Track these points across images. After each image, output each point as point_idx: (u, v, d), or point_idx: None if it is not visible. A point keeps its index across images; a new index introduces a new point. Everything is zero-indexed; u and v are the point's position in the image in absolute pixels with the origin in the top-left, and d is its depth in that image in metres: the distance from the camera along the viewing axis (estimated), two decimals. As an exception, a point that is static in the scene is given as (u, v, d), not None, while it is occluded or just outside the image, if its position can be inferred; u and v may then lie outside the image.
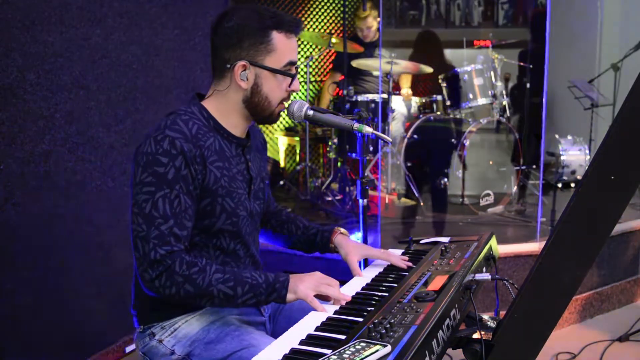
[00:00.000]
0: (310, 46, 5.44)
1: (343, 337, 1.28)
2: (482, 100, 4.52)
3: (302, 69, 5.34)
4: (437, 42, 5.14)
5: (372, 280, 1.72)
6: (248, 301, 1.53)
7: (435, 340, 1.24)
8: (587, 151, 5.05)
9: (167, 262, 1.49)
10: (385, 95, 4.35)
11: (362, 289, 1.63)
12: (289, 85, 1.67)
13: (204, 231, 1.62)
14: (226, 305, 1.56)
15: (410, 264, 1.79)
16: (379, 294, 1.57)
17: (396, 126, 4.52)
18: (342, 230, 1.91)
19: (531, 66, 4.52)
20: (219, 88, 1.67)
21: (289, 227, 1.96)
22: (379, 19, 4.71)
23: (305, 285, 1.54)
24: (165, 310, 1.66)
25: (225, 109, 1.67)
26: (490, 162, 4.68)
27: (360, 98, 4.41)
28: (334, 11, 5.58)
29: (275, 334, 1.78)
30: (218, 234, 1.65)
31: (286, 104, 1.74)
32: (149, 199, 1.51)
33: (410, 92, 4.79)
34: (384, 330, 1.24)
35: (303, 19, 5.45)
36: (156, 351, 1.66)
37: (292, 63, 1.65)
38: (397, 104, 4.58)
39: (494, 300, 3.16)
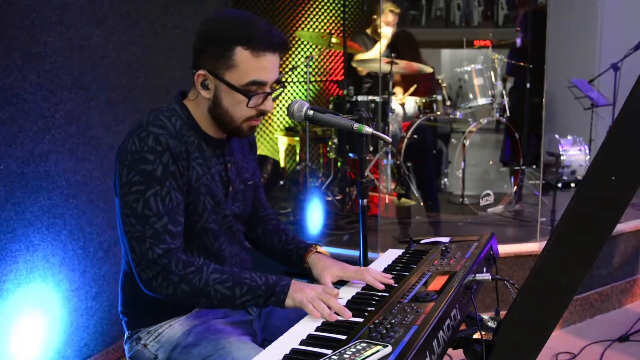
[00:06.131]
0: (310, 46, 5.44)
1: (344, 337, 1.28)
2: (482, 100, 4.53)
3: (302, 69, 5.34)
4: (414, 42, 5.13)
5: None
6: (247, 303, 1.51)
7: (435, 340, 1.24)
8: (587, 151, 5.05)
9: (163, 261, 1.48)
10: (385, 96, 4.35)
11: (362, 289, 1.63)
12: (248, 105, 1.55)
13: (187, 230, 1.59)
14: (225, 306, 1.53)
15: (391, 281, 1.61)
16: (379, 294, 1.57)
17: (393, 126, 4.53)
18: (320, 248, 1.81)
19: (531, 66, 4.53)
20: (193, 93, 1.64)
21: (272, 238, 1.89)
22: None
23: (304, 294, 1.48)
24: (151, 315, 1.66)
25: (200, 113, 1.63)
26: (490, 162, 4.69)
27: (360, 98, 4.41)
28: (334, 11, 5.57)
29: (268, 330, 1.78)
30: (201, 233, 1.63)
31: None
32: (139, 199, 1.49)
33: (402, 94, 4.77)
34: (384, 331, 1.24)
35: (303, 19, 5.45)
36: (141, 355, 1.65)
37: (257, 83, 1.54)
38: (394, 104, 4.59)
39: (494, 300, 3.16)
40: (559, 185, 4.98)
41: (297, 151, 5.11)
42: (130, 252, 1.51)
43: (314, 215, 4.17)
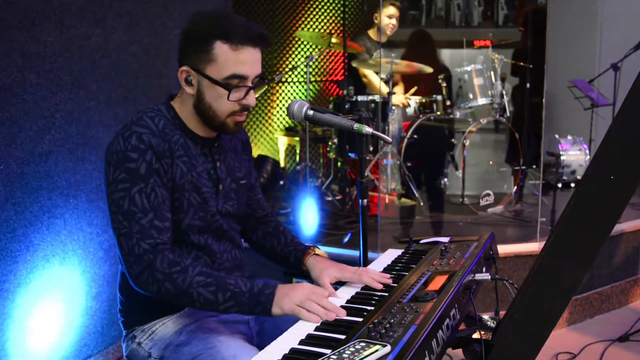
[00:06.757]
0: (310, 46, 5.44)
1: (343, 337, 1.28)
2: (482, 100, 4.53)
3: (302, 69, 5.35)
4: (431, 41, 5.15)
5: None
6: (230, 309, 1.49)
7: (435, 340, 1.24)
8: (587, 151, 5.05)
9: (149, 257, 1.49)
10: (385, 95, 4.35)
11: (362, 288, 1.63)
12: (229, 98, 1.57)
13: (173, 226, 1.60)
14: (209, 309, 1.52)
15: (389, 281, 1.61)
16: (379, 293, 1.57)
17: (393, 126, 4.53)
18: (318, 250, 1.81)
19: (531, 66, 4.53)
20: (179, 92, 1.69)
21: (271, 240, 1.89)
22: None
23: (291, 299, 1.46)
24: (146, 314, 1.66)
25: (186, 111, 1.66)
26: (490, 162, 4.69)
27: (360, 98, 4.41)
28: (334, 11, 5.58)
29: (263, 332, 1.77)
30: (188, 230, 1.64)
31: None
32: (125, 196, 1.52)
33: (404, 97, 4.76)
34: (383, 330, 1.24)
35: (303, 19, 5.45)
36: (136, 354, 1.66)
37: (237, 77, 1.57)
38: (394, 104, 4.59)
39: (494, 300, 3.16)
40: (559, 185, 4.98)
41: (297, 151, 5.11)
42: (120, 249, 1.54)
43: (314, 215, 4.17)
